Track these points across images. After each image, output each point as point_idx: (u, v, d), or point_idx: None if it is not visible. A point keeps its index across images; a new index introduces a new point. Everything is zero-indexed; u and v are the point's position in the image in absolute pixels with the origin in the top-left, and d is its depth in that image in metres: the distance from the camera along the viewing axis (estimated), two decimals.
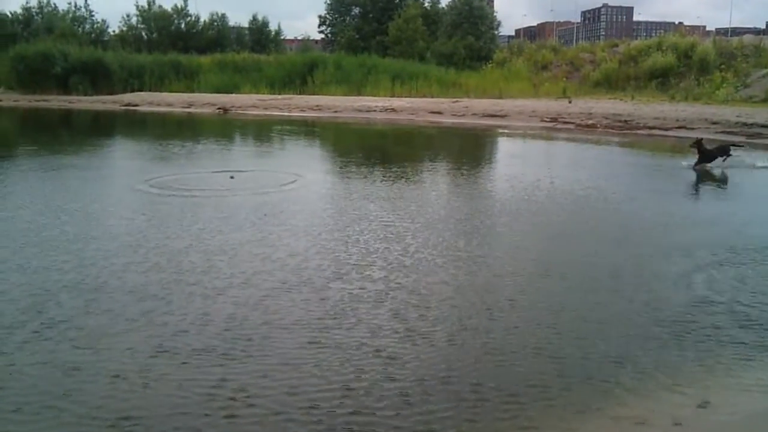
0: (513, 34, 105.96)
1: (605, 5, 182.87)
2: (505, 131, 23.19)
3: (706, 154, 11.99)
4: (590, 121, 24.04)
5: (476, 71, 40.36)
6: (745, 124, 21.02)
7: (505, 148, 20.14)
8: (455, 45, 46.25)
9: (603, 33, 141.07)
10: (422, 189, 11.04)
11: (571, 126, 23.78)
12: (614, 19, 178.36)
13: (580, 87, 34.33)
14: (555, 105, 28.42)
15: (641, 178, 12.93)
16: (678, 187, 11.77)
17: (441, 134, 23.11)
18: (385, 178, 11.60)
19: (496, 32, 51.30)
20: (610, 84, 34.12)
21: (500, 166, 15.50)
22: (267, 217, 8.33)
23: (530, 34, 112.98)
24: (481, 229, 7.95)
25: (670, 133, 21.07)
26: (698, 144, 12.17)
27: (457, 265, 6.35)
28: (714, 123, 21.68)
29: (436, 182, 12.17)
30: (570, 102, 29.33)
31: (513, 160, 16.14)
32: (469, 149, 19.28)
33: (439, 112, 28.71)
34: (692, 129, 21.35)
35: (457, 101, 31.40)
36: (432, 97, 34.37)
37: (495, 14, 50.76)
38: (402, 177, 11.88)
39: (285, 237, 7.32)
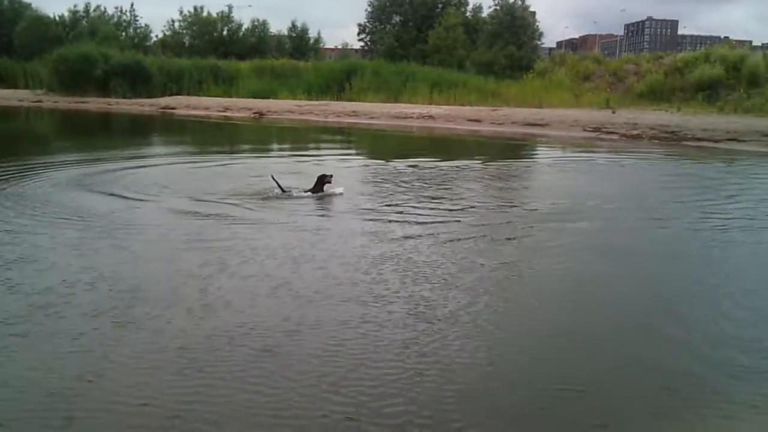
0: (554, 46, 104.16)
1: (649, 18, 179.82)
2: (544, 140, 22.49)
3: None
4: (635, 132, 23.14)
5: (516, 81, 39.66)
6: None
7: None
8: (496, 54, 45.74)
9: (647, 46, 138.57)
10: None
11: (615, 136, 22.92)
12: (658, 33, 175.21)
13: (623, 98, 33.38)
14: (598, 115, 27.56)
15: None
16: None
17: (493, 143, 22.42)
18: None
19: (538, 42, 50.56)
20: (654, 96, 33.16)
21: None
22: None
23: (572, 46, 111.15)
24: None
25: (720, 145, 20.09)
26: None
27: None
28: (767, 135, 20.66)
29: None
30: (614, 112, 28.44)
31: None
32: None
33: (477, 120, 28.05)
34: (744, 141, 20.39)
35: (496, 110, 30.69)
36: (471, 105, 33.70)
37: (537, 24, 50.10)
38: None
39: None
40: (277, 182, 9.31)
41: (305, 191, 9.28)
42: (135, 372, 3.68)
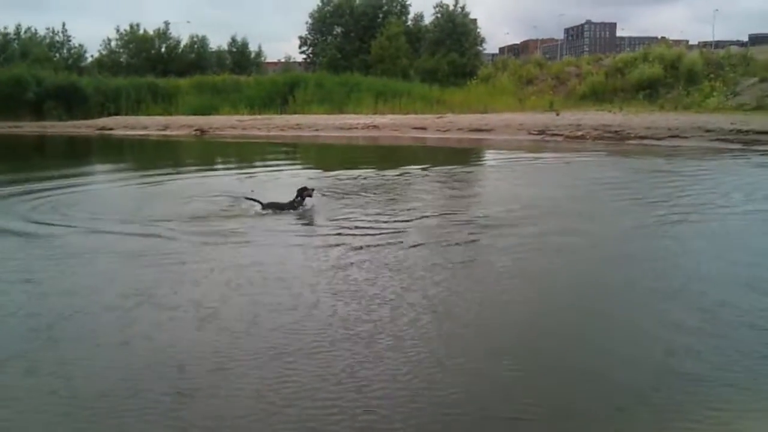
0: (497, 52, 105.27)
1: (588, 21, 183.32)
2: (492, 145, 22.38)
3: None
4: (579, 133, 23.24)
5: (460, 88, 39.64)
6: (740, 131, 20.30)
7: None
8: (439, 61, 45.72)
9: (587, 49, 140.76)
10: None
11: (560, 138, 22.96)
12: (597, 35, 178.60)
13: (566, 100, 33.65)
14: (542, 118, 27.65)
15: None
16: None
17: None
18: None
19: (480, 48, 50.78)
20: (596, 97, 33.49)
21: None
22: None
23: (514, 51, 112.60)
24: None
25: (663, 142, 20.24)
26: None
27: None
28: (708, 131, 20.93)
29: None
30: (557, 114, 28.59)
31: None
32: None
33: (423, 128, 27.87)
34: (686, 138, 20.60)
35: (441, 116, 30.57)
36: (416, 113, 33.50)
37: (478, 31, 50.33)
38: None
39: None
40: (252, 199, 9.16)
41: (289, 203, 8.98)
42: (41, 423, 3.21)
